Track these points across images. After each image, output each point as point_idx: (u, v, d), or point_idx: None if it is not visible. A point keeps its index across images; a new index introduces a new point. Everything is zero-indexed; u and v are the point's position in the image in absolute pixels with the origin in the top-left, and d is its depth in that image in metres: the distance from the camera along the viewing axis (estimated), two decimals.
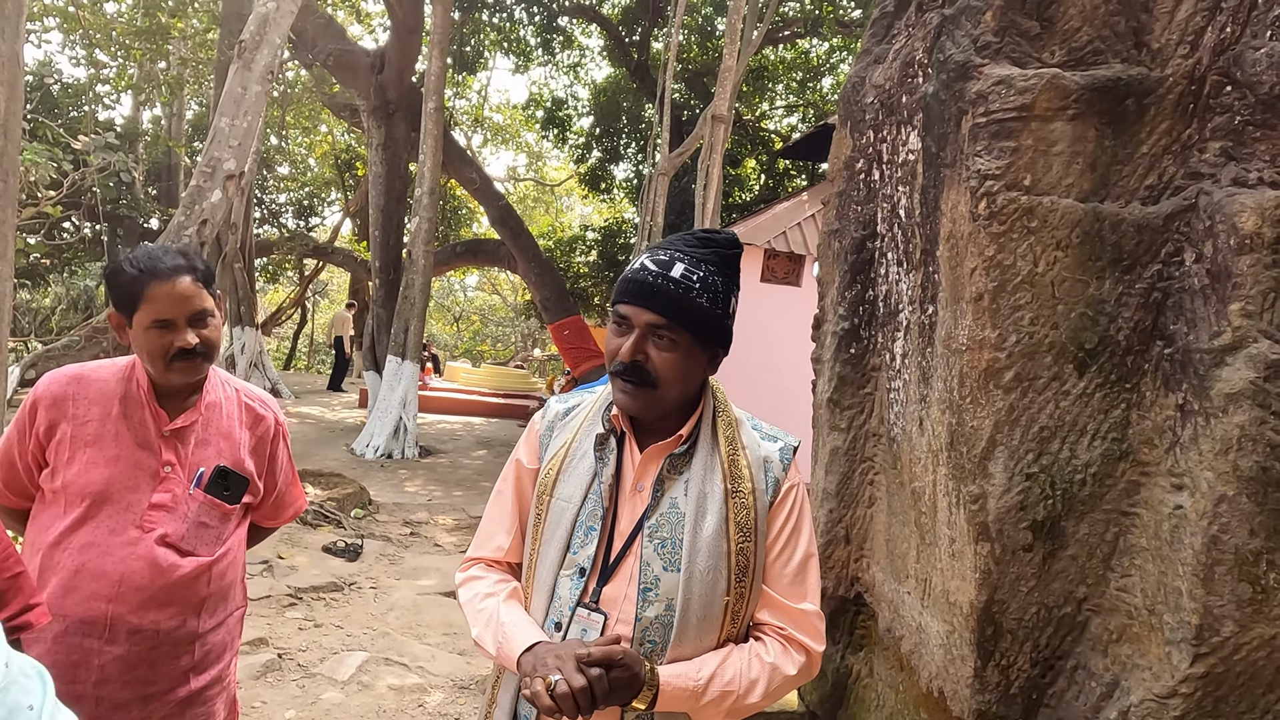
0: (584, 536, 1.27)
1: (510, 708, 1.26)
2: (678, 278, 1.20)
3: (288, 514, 1.84)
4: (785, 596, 1.27)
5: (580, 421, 1.36)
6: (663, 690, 1.15)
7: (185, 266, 1.55)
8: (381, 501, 7.25)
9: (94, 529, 1.49)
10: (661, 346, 1.22)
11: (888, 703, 2.99)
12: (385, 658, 3.89)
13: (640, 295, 1.22)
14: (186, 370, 1.55)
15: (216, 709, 1.65)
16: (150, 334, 1.52)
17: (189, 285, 1.53)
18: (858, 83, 3.25)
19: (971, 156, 2.25)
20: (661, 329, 1.21)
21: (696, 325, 1.22)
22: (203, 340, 1.55)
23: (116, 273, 1.54)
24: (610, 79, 17.97)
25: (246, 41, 6.08)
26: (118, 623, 1.47)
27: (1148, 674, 2.12)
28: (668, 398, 1.25)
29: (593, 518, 1.27)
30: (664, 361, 1.22)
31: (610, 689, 1.11)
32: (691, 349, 1.23)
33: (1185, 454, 2.06)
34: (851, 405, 3.26)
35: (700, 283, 1.21)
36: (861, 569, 3.26)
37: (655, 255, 1.24)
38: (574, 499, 1.29)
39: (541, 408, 1.44)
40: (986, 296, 2.23)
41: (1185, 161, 2.18)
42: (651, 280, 1.21)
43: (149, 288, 1.51)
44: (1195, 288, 2.08)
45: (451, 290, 32.21)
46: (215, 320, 1.59)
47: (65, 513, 1.51)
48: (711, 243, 1.26)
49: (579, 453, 1.33)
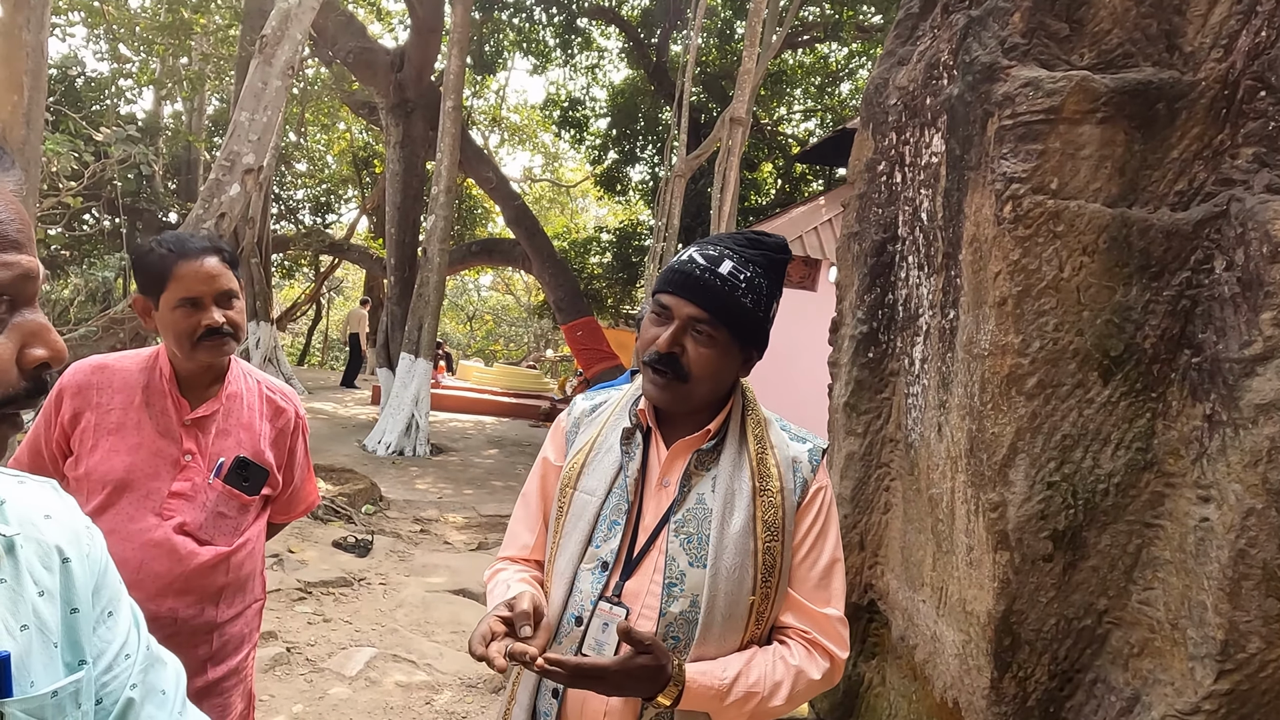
0: (607, 530, 1.25)
1: (529, 704, 1.25)
2: (725, 274, 1.19)
3: (300, 509, 1.84)
4: (810, 600, 1.25)
5: (607, 416, 1.35)
6: (689, 687, 1.13)
7: (212, 248, 1.57)
8: (392, 498, 7.25)
9: (115, 516, 1.50)
10: (700, 341, 1.21)
11: (900, 712, 2.95)
12: (393, 654, 3.88)
13: (685, 287, 1.20)
14: (213, 350, 1.55)
15: (233, 701, 1.64)
16: (178, 313, 1.53)
17: (216, 264, 1.55)
18: (881, 84, 3.22)
19: (997, 159, 2.22)
20: (702, 323, 1.20)
21: (737, 324, 1.21)
22: (229, 320, 1.55)
23: (145, 254, 1.56)
24: (628, 81, 17.98)
25: (268, 37, 6.11)
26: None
27: (1170, 689, 2.08)
28: (698, 393, 1.23)
29: (617, 512, 1.26)
30: (699, 357, 1.21)
31: (636, 677, 1.09)
32: (729, 347, 1.22)
33: (1213, 465, 2.02)
34: (869, 410, 3.22)
35: (746, 282, 1.20)
36: (875, 576, 3.23)
37: (704, 250, 1.23)
38: (598, 492, 1.28)
39: (552, 406, 1.42)
40: (1010, 301, 2.19)
41: (1217, 167, 2.14)
42: (699, 274, 1.20)
43: (177, 266, 1.52)
44: (1225, 296, 2.04)
45: (465, 290, 32.31)
46: (240, 303, 1.60)
47: (88, 500, 1.51)
48: (761, 245, 1.25)
49: (604, 446, 1.31)
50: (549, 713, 1.24)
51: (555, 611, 1.25)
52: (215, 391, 1.63)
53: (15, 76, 3.67)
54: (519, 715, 1.26)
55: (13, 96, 3.67)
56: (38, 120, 3.72)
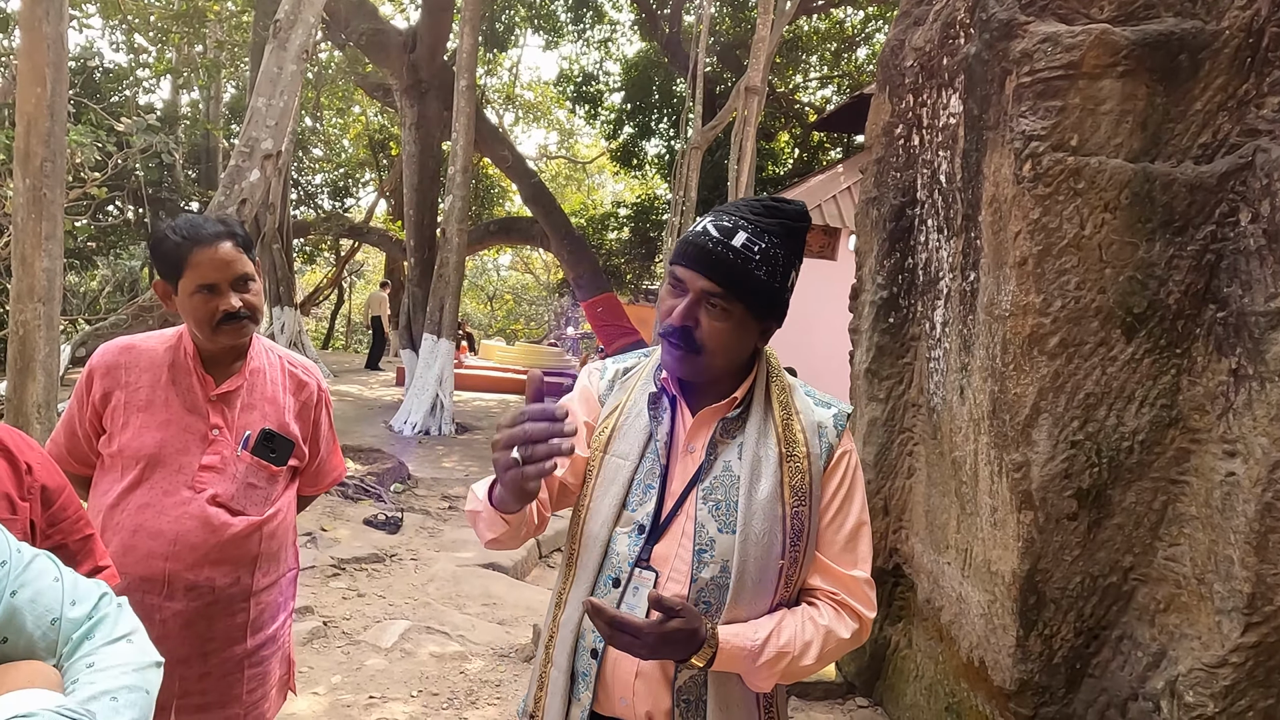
0: (642, 495, 1.27)
1: (567, 666, 1.27)
2: (739, 247, 1.17)
3: (328, 481, 1.89)
4: (837, 563, 1.26)
5: (635, 381, 1.36)
6: (722, 649, 1.15)
7: (226, 232, 1.59)
8: (420, 476, 7.35)
9: (149, 490, 1.56)
10: (714, 315, 1.19)
11: (927, 673, 2.98)
12: (427, 626, 3.96)
13: (698, 261, 1.18)
14: (233, 333, 1.59)
15: (272, 668, 1.71)
16: (196, 299, 1.57)
17: (230, 250, 1.58)
18: (896, 46, 3.19)
19: (1015, 117, 2.20)
20: (715, 297, 1.18)
21: (752, 297, 1.19)
22: (246, 304, 1.59)
23: (160, 241, 1.59)
24: (641, 54, 17.80)
25: (281, 21, 6.12)
26: (175, 579, 1.54)
27: (1197, 643, 2.09)
28: (714, 365, 1.23)
29: (651, 476, 1.27)
30: (713, 330, 1.19)
31: (670, 640, 1.11)
32: (744, 320, 1.20)
33: (1238, 420, 2.01)
34: (890, 375, 3.22)
35: (761, 254, 1.18)
36: (900, 540, 3.24)
37: (719, 220, 1.21)
38: (631, 456, 1.28)
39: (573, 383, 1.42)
40: (1031, 261, 2.18)
41: (1241, 118, 2.10)
42: (712, 247, 1.18)
43: (193, 253, 1.55)
44: (1251, 249, 2.02)
45: (485, 270, 32.39)
46: (256, 285, 1.63)
47: (122, 476, 1.57)
48: (779, 213, 1.22)
49: (634, 411, 1.32)
50: (587, 673, 1.26)
51: (589, 574, 1.28)
52: (239, 368, 1.67)
53: (38, 69, 3.71)
54: (557, 677, 1.28)
55: (36, 89, 3.72)
56: (61, 111, 3.77)
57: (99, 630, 0.92)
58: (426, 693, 3.30)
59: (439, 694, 3.30)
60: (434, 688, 3.34)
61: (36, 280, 3.81)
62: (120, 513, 1.54)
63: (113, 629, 0.93)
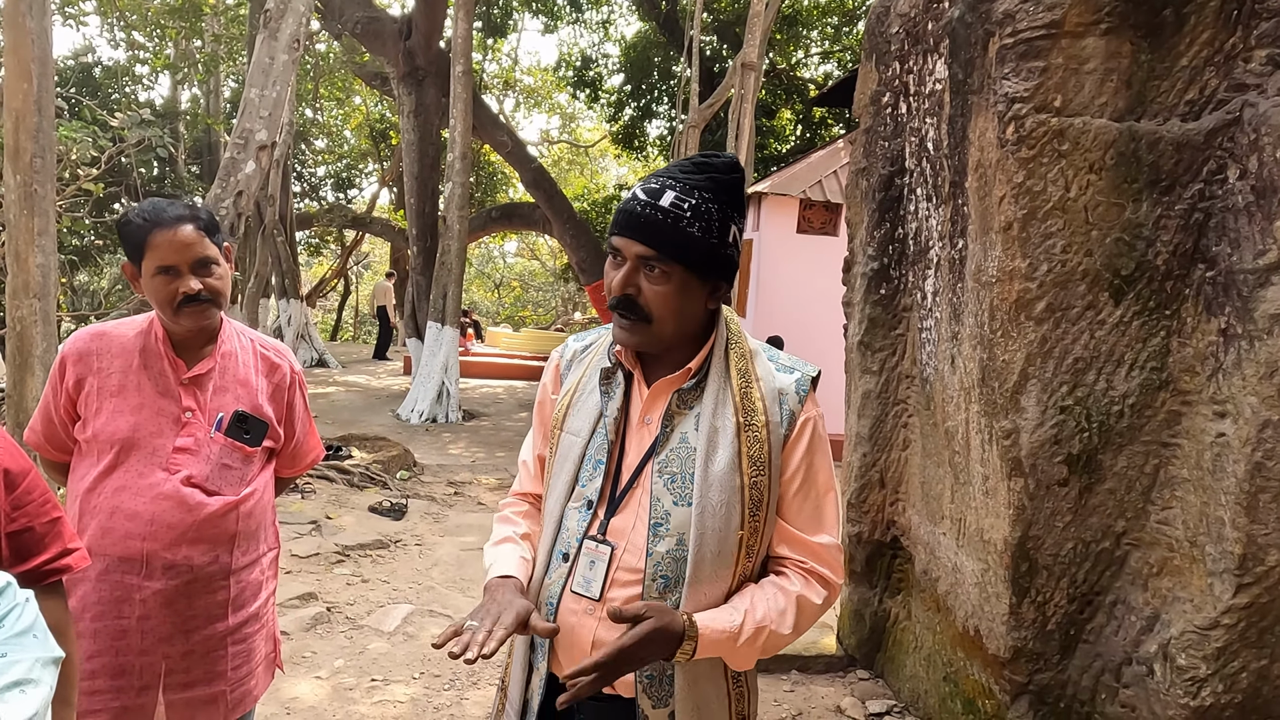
0: (592, 470, 1.26)
1: (526, 635, 1.27)
2: (666, 206, 1.15)
3: (305, 462, 1.91)
4: (803, 530, 1.25)
5: (592, 358, 1.36)
6: (702, 637, 1.14)
7: (188, 216, 1.60)
8: (426, 463, 7.38)
9: (124, 473, 1.57)
10: (653, 279, 1.17)
11: (925, 644, 2.97)
12: (430, 610, 3.99)
13: (629, 226, 1.17)
14: (194, 315, 1.60)
15: (257, 645, 1.73)
16: (156, 281, 1.58)
17: (190, 233, 1.59)
18: (882, 13, 3.14)
19: (999, 80, 2.16)
20: (652, 261, 1.16)
21: (689, 256, 1.16)
22: (207, 287, 1.60)
23: (124, 224, 1.61)
24: (640, 34, 17.63)
25: (271, 10, 6.09)
26: (153, 559, 1.56)
27: (1189, 606, 2.07)
28: (664, 333, 1.21)
29: (600, 451, 1.26)
30: (656, 295, 1.18)
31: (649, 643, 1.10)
32: (686, 281, 1.18)
33: (1228, 380, 1.98)
34: (883, 347, 3.20)
35: (692, 210, 1.15)
36: (897, 512, 3.23)
37: (647, 184, 1.19)
38: (582, 433, 1.28)
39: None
40: (1016, 225, 2.15)
41: (1229, 73, 2.06)
42: (640, 210, 1.16)
43: (152, 235, 1.57)
44: (1239, 206, 1.98)
45: (491, 257, 32.38)
46: (221, 269, 1.64)
47: (98, 460, 1.59)
48: (709, 168, 1.20)
49: (587, 388, 1.32)
50: (544, 642, 1.28)
51: (545, 550, 1.28)
52: (209, 351, 1.69)
53: (23, 64, 3.71)
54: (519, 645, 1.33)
55: (23, 84, 3.72)
56: (49, 106, 3.77)
57: (6, 622, 0.93)
58: (428, 674, 3.32)
59: (440, 675, 3.32)
60: (436, 669, 3.36)
61: (31, 276, 3.82)
62: (97, 496, 1.56)
63: (17, 621, 0.94)
